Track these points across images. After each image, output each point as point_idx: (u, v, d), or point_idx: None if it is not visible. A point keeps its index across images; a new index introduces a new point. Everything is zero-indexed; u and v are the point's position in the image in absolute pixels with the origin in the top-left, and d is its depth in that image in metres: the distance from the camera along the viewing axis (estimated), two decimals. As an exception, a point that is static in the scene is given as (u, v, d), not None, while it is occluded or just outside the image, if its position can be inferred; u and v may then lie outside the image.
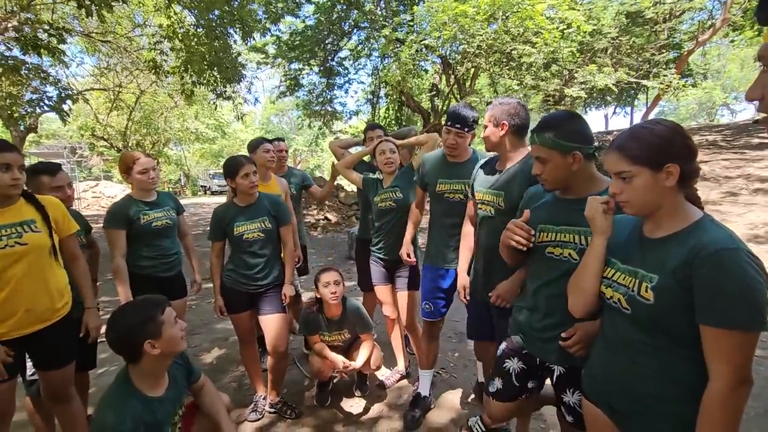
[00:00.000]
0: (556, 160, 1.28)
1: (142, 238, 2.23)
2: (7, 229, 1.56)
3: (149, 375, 1.41)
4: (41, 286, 1.65)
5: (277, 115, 31.65)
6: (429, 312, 2.25)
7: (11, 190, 1.57)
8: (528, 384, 1.48)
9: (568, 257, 1.30)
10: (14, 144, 1.65)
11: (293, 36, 11.76)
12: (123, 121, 14.79)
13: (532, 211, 1.40)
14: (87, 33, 10.64)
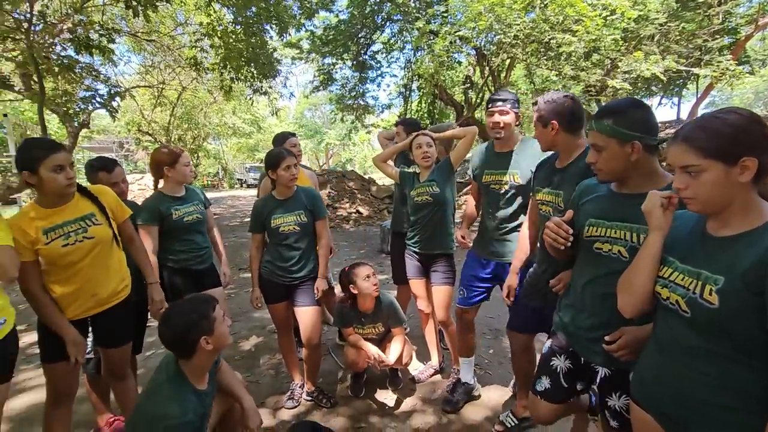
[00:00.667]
0: (613, 149, 1.20)
1: (174, 233, 2.28)
2: (72, 225, 1.67)
3: (200, 369, 1.49)
4: (105, 273, 1.77)
5: (310, 110, 32.10)
6: (462, 298, 2.27)
7: (68, 189, 1.66)
8: (577, 385, 1.43)
9: (617, 254, 1.24)
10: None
11: (327, 31, 11.86)
12: (166, 116, 15.47)
13: (584, 204, 1.35)
14: (133, 33, 11.15)
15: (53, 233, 1.63)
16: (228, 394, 1.68)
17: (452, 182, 2.42)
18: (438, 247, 2.43)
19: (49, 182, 1.59)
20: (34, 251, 1.61)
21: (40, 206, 1.66)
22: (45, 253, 1.62)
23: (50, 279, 1.69)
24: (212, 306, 1.49)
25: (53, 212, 1.66)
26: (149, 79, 13.91)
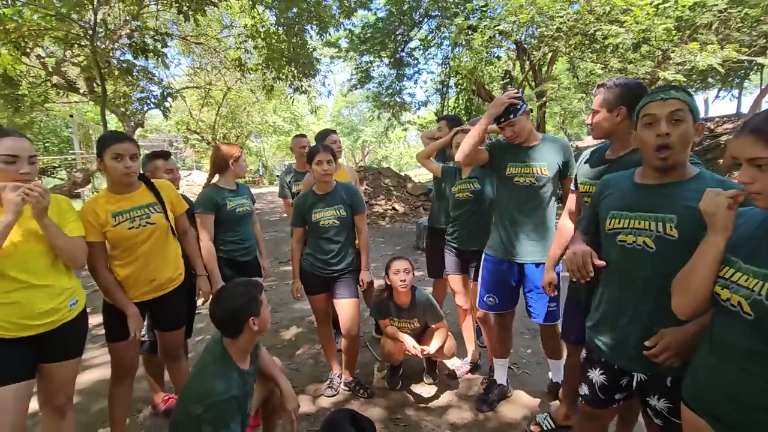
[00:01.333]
0: (689, 124, 1.14)
1: (225, 223, 2.42)
2: (138, 211, 1.84)
3: (244, 350, 1.58)
4: (163, 260, 1.92)
5: (347, 108, 32.50)
6: (492, 305, 2.22)
7: (124, 179, 1.81)
8: (615, 396, 1.39)
9: (642, 245, 1.20)
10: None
11: (365, 29, 11.98)
12: (212, 116, 16.21)
13: (604, 199, 1.34)
14: (183, 36, 11.74)
15: (120, 217, 1.80)
16: (267, 377, 1.78)
17: (494, 179, 2.41)
18: (478, 244, 2.43)
19: (110, 169, 1.77)
20: (103, 233, 1.78)
21: (111, 192, 1.84)
22: (112, 234, 1.79)
23: (114, 263, 1.85)
24: (260, 290, 1.59)
25: (122, 198, 1.84)
26: (197, 81, 14.62)
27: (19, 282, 1.47)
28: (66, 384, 1.66)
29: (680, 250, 1.13)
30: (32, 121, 11.54)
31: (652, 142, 1.16)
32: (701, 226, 1.05)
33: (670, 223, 1.15)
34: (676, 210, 1.16)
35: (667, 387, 1.23)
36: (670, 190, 1.18)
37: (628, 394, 1.37)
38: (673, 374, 1.20)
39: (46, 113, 11.81)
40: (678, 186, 1.19)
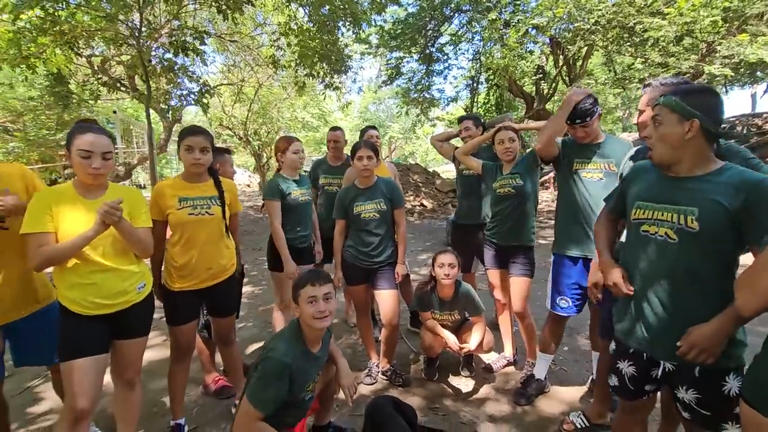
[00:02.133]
0: (672, 124, 1.23)
1: (288, 211, 2.59)
2: (201, 201, 1.96)
3: (307, 334, 1.69)
4: (217, 250, 2.04)
5: (374, 104, 32.57)
6: (565, 308, 2.20)
7: (192, 168, 1.95)
8: (645, 387, 1.40)
9: (664, 236, 1.25)
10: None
11: (395, 25, 11.98)
12: (244, 112, 16.60)
13: (633, 185, 1.40)
14: (219, 34, 12.09)
15: (185, 202, 1.93)
16: (329, 357, 1.88)
17: (536, 175, 2.42)
18: (517, 240, 2.44)
19: (182, 158, 1.94)
20: (166, 214, 1.93)
21: (183, 179, 2.00)
22: (173, 216, 1.92)
23: (174, 249, 1.98)
24: (330, 281, 1.70)
25: (190, 186, 1.98)
26: (231, 77, 15.01)
27: (97, 265, 1.61)
28: (135, 360, 1.80)
29: (702, 242, 1.18)
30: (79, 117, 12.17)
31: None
32: (723, 219, 1.12)
33: (691, 215, 1.19)
34: (697, 203, 1.20)
35: (695, 377, 1.25)
36: (693, 184, 1.23)
37: (657, 386, 1.40)
38: (701, 365, 1.22)
39: (91, 110, 12.41)
40: (701, 179, 1.23)
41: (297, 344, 1.63)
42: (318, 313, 1.61)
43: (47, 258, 1.52)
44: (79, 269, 1.58)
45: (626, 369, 1.42)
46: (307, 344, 1.66)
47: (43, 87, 10.81)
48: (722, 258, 1.21)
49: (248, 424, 1.48)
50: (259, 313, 3.87)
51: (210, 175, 2.06)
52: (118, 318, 1.68)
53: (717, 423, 1.24)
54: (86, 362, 1.58)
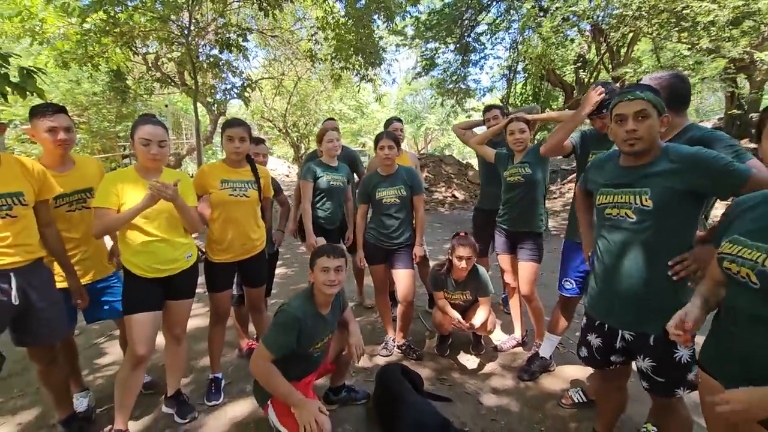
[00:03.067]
0: (654, 118, 1.37)
1: (318, 191, 2.89)
2: (240, 184, 2.26)
3: (318, 299, 1.93)
4: (251, 228, 2.33)
5: (411, 95, 32.47)
6: (569, 289, 2.33)
7: (232, 156, 2.25)
8: (610, 357, 1.56)
9: (624, 216, 1.41)
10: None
11: (431, 15, 11.94)
12: (284, 104, 17.23)
13: (596, 176, 1.58)
14: (261, 30, 12.60)
15: (226, 184, 2.23)
16: (343, 325, 2.12)
17: (545, 165, 2.53)
18: (526, 226, 2.57)
19: (224, 147, 2.25)
20: (208, 192, 2.23)
21: (225, 164, 2.30)
22: (215, 196, 2.22)
23: (214, 226, 2.28)
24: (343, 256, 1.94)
25: (232, 170, 2.28)
26: (271, 71, 15.60)
27: (155, 236, 1.93)
28: (182, 318, 2.13)
29: (656, 218, 1.34)
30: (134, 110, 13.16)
31: (622, 137, 1.40)
32: (671, 194, 1.31)
33: (645, 195, 1.36)
34: (648, 184, 1.36)
35: (650, 346, 1.40)
36: (645, 169, 1.40)
37: (623, 356, 1.55)
38: (655, 333, 1.37)
39: (146, 104, 13.37)
40: (650, 165, 1.39)
41: (309, 305, 1.89)
42: (329, 281, 1.85)
43: (105, 226, 1.84)
44: (141, 239, 1.91)
45: (594, 341, 1.58)
46: (317, 306, 1.91)
47: (105, 83, 11.79)
48: (676, 233, 1.35)
49: (261, 363, 1.76)
50: (290, 291, 4.20)
51: (248, 162, 2.35)
52: (170, 281, 2.00)
53: (671, 389, 1.39)
54: (144, 316, 1.92)
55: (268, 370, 1.75)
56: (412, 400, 1.95)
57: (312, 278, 1.91)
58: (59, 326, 1.86)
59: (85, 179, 2.04)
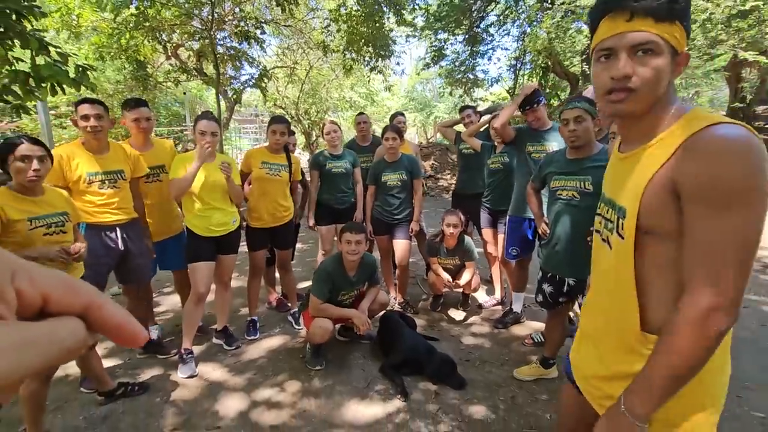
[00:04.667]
0: (589, 122, 1.93)
1: (326, 178, 3.40)
2: (275, 166, 2.85)
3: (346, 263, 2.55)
4: (280, 201, 2.93)
5: (421, 83, 32.65)
6: (515, 255, 2.92)
7: (273, 146, 2.86)
8: (559, 299, 2.13)
9: (571, 197, 1.97)
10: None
11: (441, 7, 12.28)
12: (296, 92, 17.73)
13: (549, 167, 2.14)
14: (275, 20, 13.07)
15: (265, 165, 2.83)
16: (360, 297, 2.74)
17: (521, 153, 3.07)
18: (506, 204, 3.13)
19: (269, 137, 2.86)
20: (250, 170, 2.85)
21: (267, 150, 2.90)
22: (256, 173, 2.83)
23: (252, 197, 2.89)
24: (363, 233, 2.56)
25: (271, 155, 2.89)
26: (284, 60, 16.08)
27: (210, 205, 2.53)
28: (229, 269, 2.75)
29: (594, 199, 1.82)
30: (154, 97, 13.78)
31: (566, 135, 1.96)
32: None
33: (587, 181, 1.90)
34: (589, 173, 1.90)
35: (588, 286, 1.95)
36: (586, 162, 1.94)
37: (567, 297, 2.11)
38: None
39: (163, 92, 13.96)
40: (591, 159, 1.94)
41: (338, 266, 2.53)
42: (351, 251, 2.49)
43: (177, 188, 2.43)
44: (201, 207, 2.52)
45: (547, 289, 2.15)
46: (345, 269, 2.54)
47: (128, 72, 12.42)
48: None
49: (317, 305, 2.44)
50: (306, 263, 4.82)
51: (284, 150, 2.94)
52: (220, 240, 2.61)
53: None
54: (203, 264, 2.54)
55: (324, 307, 2.50)
56: (407, 332, 2.55)
57: (340, 247, 2.53)
58: (147, 271, 2.51)
59: (159, 158, 2.65)
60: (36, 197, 1.84)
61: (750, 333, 2.92)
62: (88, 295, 0.24)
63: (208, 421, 2.02)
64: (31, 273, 0.22)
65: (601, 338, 0.96)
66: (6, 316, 0.20)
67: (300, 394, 2.25)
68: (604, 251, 0.95)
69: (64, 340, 0.21)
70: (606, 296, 0.94)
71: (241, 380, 2.38)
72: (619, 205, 0.88)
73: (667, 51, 0.78)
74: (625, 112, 0.83)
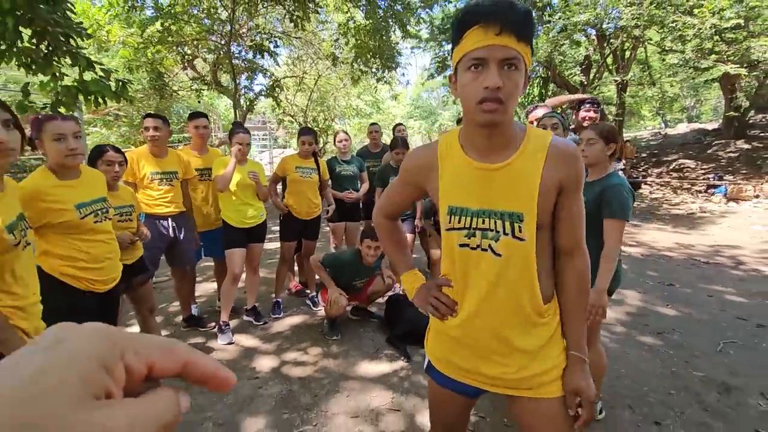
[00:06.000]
0: (560, 130, 2.39)
1: (336, 179, 3.89)
2: (307, 170, 3.35)
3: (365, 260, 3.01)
4: (311, 200, 3.42)
5: (426, 92, 33.29)
6: None
7: (302, 153, 3.37)
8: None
9: None
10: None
11: (444, 20, 12.84)
12: (304, 100, 18.34)
13: None
14: (286, 32, 13.69)
15: (299, 170, 3.33)
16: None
17: None
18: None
19: (299, 146, 3.36)
20: (284, 175, 3.35)
21: (299, 156, 3.38)
22: (291, 176, 3.34)
23: (291, 195, 3.38)
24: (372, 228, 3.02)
25: (301, 161, 3.38)
26: (294, 70, 16.72)
27: (243, 201, 3.02)
28: (257, 256, 3.23)
29: None
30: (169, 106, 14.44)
31: None
32: None
33: None
34: None
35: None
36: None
37: None
38: None
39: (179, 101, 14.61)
40: None
41: (354, 258, 3.02)
42: (371, 255, 2.99)
43: (221, 182, 2.89)
44: (235, 202, 3.01)
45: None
46: (362, 260, 3.02)
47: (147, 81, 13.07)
48: None
49: (317, 265, 3.02)
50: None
51: (312, 155, 3.44)
52: (250, 231, 3.10)
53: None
54: (237, 250, 3.02)
55: (320, 271, 3.06)
56: (409, 309, 3.01)
57: (360, 246, 3.04)
58: (192, 257, 3.01)
59: (210, 162, 3.13)
60: (114, 192, 2.33)
61: (710, 316, 3.33)
62: (183, 355, 0.25)
63: (248, 374, 2.48)
64: (136, 346, 0.23)
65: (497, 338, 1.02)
66: (115, 393, 0.21)
67: (321, 356, 2.72)
68: (485, 260, 1.00)
69: (162, 416, 0.22)
70: (497, 298, 1.00)
71: (271, 346, 2.84)
72: (510, 212, 0.96)
73: (522, 68, 0.87)
74: (495, 122, 0.90)
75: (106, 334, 0.22)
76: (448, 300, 1.08)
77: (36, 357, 0.20)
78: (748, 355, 2.68)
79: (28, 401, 0.18)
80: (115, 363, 0.22)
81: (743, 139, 12.37)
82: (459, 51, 0.90)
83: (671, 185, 10.29)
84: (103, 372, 0.21)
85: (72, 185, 1.69)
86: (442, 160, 1.04)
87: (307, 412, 2.12)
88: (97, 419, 0.19)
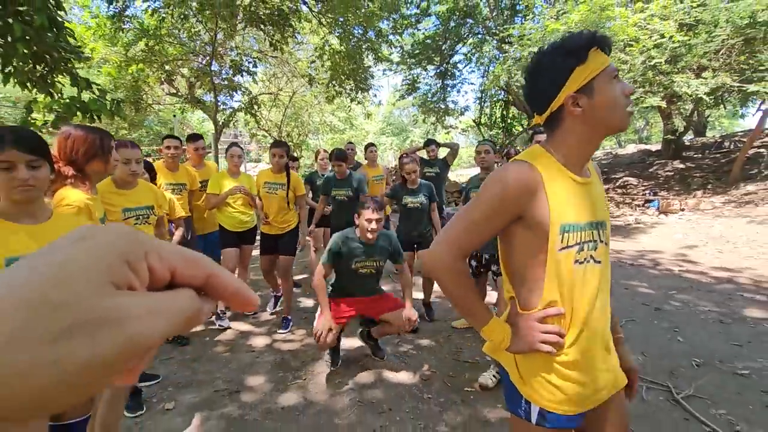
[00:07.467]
0: (492, 156, 3.09)
1: (316, 191, 4.49)
2: (275, 185, 3.76)
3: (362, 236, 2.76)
4: (281, 214, 3.98)
5: (398, 109, 34.48)
6: None
7: (275, 167, 3.87)
8: (480, 270, 3.22)
9: None
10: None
11: (414, 46, 13.83)
12: (279, 116, 18.86)
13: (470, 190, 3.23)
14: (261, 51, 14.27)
15: (267, 185, 3.74)
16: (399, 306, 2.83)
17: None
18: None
19: (271, 160, 3.81)
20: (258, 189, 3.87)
21: (271, 171, 3.86)
22: (261, 192, 3.81)
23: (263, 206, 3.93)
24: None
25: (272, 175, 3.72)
26: (270, 87, 17.27)
27: (235, 208, 3.58)
28: (248, 255, 3.77)
29: None
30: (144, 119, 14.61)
31: (478, 161, 3.98)
32: None
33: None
34: None
35: (496, 259, 3.07)
36: None
37: (486, 268, 3.22)
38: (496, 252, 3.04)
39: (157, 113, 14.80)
40: None
41: (354, 235, 2.67)
42: (370, 227, 2.54)
43: (212, 203, 3.44)
44: (230, 210, 3.55)
45: (472, 262, 3.26)
46: (361, 237, 2.64)
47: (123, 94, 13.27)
48: None
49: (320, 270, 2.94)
50: (299, 262, 5.83)
51: (285, 170, 3.99)
52: (242, 234, 3.64)
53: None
54: (231, 250, 3.57)
55: (320, 284, 2.60)
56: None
57: (357, 221, 2.65)
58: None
59: (207, 175, 3.66)
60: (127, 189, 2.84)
61: (621, 303, 4.12)
62: (208, 267, 0.26)
63: (246, 348, 3.02)
64: (160, 250, 0.24)
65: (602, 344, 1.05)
66: (138, 289, 0.22)
67: (305, 335, 3.28)
68: (589, 270, 1.01)
69: (185, 310, 0.23)
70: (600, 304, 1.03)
71: (263, 330, 3.39)
72: (601, 221, 1.05)
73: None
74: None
75: (131, 234, 0.23)
76: (554, 328, 0.99)
77: (65, 248, 0.21)
78: (640, 330, 3.45)
79: (56, 284, 0.19)
80: (138, 260, 0.23)
81: (678, 159, 13.89)
82: (591, 68, 0.95)
83: (615, 200, 11.45)
84: (126, 267, 0.22)
85: (124, 194, 2.23)
86: (548, 181, 0.99)
87: (297, 371, 2.69)
88: (118, 304, 0.20)
